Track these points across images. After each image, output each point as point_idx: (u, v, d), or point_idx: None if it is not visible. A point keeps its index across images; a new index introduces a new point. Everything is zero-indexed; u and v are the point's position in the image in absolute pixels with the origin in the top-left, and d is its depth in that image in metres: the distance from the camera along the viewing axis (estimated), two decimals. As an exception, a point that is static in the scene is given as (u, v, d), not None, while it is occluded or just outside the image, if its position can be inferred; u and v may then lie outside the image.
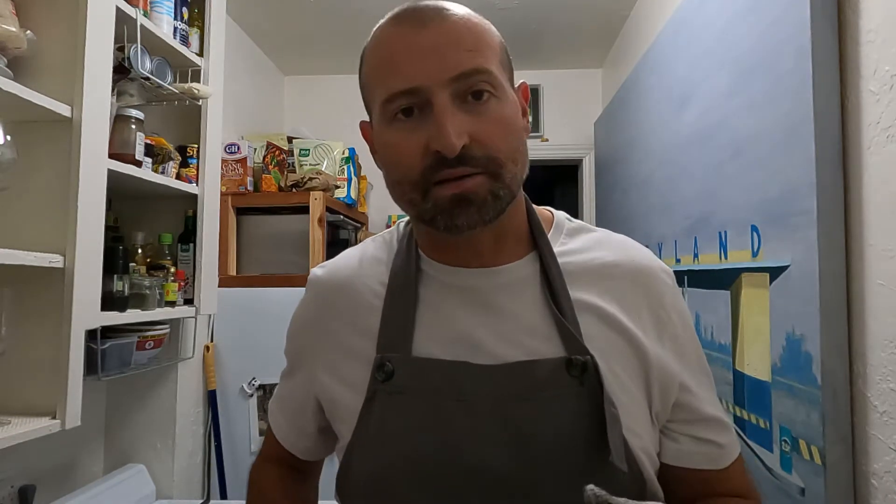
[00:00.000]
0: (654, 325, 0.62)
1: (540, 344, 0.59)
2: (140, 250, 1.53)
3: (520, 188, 0.60)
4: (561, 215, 0.71)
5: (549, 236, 0.66)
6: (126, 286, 1.37)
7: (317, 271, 0.72)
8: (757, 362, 1.14)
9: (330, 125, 3.06)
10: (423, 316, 0.62)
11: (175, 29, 1.54)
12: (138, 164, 1.38)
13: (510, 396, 0.57)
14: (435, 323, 0.62)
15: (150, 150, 1.46)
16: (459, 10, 0.58)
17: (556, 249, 0.64)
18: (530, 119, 0.64)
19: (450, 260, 0.64)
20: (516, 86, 0.63)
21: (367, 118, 0.65)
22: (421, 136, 0.55)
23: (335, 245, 2.54)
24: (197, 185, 1.63)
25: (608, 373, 0.58)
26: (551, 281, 0.61)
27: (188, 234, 1.64)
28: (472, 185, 0.55)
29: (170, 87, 1.49)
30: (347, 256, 0.72)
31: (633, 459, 0.57)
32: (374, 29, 0.60)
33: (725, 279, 1.28)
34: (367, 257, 0.70)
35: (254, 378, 2.06)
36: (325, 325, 0.67)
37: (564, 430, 0.56)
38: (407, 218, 0.70)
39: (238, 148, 2.26)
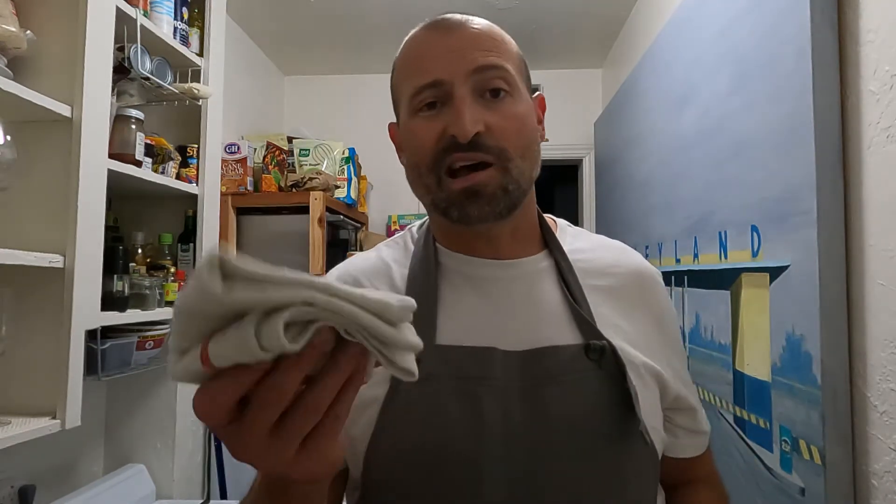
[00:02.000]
0: (654, 321, 0.67)
1: (559, 331, 0.62)
2: (140, 250, 1.53)
3: (530, 186, 0.64)
4: (563, 222, 0.76)
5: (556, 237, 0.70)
6: (126, 286, 1.37)
7: (332, 272, 0.75)
8: (757, 362, 1.14)
9: (330, 125, 3.06)
10: (444, 306, 0.64)
11: (175, 29, 1.54)
12: (138, 164, 1.38)
13: (536, 380, 0.60)
14: (457, 312, 0.64)
15: (150, 150, 1.46)
16: (483, 21, 0.64)
17: (565, 248, 0.69)
18: (544, 127, 0.69)
19: (468, 250, 0.67)
20: (534, 96, 0.67)
21: (387, 124, 0.71)
22: (440, 123, 0.60)
23: (335, 245, 2.54)
24: (197, 185, 1.63)
25: (622, 356, 0.61)
26: (564, 274, 0.65)
27: (188, 234, 1.64)
28: (482, 178, 0.59)
29: (170, 87, 1.49)
30: (362, 258, 0.74)
31: (649, 437, 0.61)
32: (406, 38, 0.67)
33: (725, 279, 1.28)
34: (383, 257, 0.72)
35: (254, 378, 2.06)
36: None
37: (588, 409, 0.59)
38: (419, 221, 0.74)
39: (238, 148, 2.26)
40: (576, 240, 0.72)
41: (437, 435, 0.59)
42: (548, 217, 0.75)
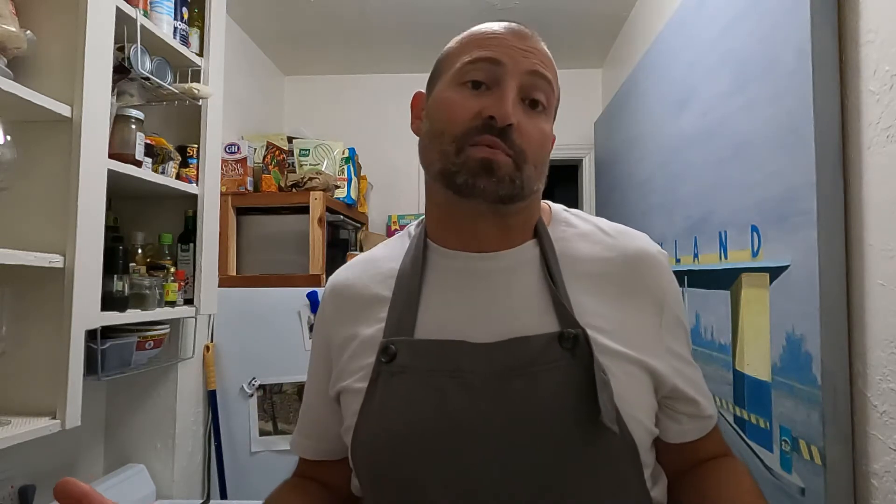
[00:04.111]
0: (650, 306, 0.66)
1: (535, 321, 0.62)
2: (140, 250, 1.53)
3: (532, 194, 0.66)
4: (558, 207, 0.76)
5: (549, 226, 0.71)
6: (126, 286, 1.37)
7: (335, 273, 0.78)
8: (757, 362, 1.14)
9: (330, 125, 3.06)
10: (426, 300, 0.66)
11: (175, 29, 1.54)
12: (138, 164, 1.38)
13: (504, 372, 0.60)
14: (437, 306, 0.66)
15: (150, 150, 1.46)
16: (545, 46, 0.70)
17: (554, 236, 0.69)
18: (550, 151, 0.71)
19: (455, 244, 0.68)
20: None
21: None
22: (478, 103, 0.62)
23: (335, 245, 2.54)
24: (197, 185, 1.63)
25: (601, 345, 0.61)
26: (549, 264, 0.66)
27: (188, 234, 1.64)
28: (501, 158, 0.61)
29: (170, 87, 1.49)
30: (362, 257, 0.78)
31: (623, 424, 0.60)
32: (473, 27, 0.69)
33: (725, 279, 1.28)
34: (380, 255, 0.75)
35: (254, 378, 2.06)
36: (339, 321, 0.72)
37: (556, 398, 0.59)
38: (417, 220, 0.75)
39: (238, 148, 2.26)
40: (570, 226, 0.72)
41: (407, 426, 0.61)
42: (542, 203, 0.75)
